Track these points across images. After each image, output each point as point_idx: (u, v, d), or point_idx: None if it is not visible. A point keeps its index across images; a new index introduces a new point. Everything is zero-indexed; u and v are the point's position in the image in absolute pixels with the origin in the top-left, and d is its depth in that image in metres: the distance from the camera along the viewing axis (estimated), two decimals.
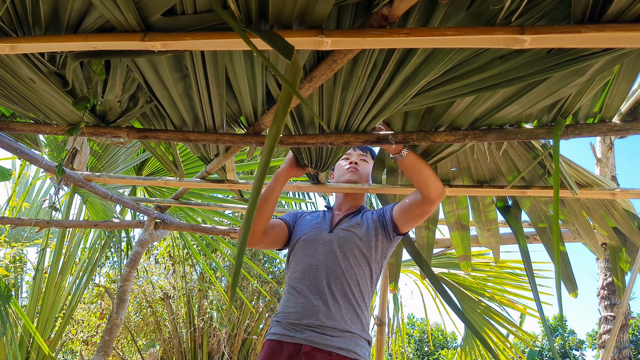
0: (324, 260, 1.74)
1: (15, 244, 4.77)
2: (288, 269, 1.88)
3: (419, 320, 23.50)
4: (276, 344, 1.64)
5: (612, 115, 1.40)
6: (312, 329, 1.61)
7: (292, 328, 1.64)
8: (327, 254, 1.76)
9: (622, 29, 0.96)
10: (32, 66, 1.33)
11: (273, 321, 1.74)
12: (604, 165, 3.10)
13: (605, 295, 2.85)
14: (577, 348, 21.09)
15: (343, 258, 1.74)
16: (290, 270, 1.84)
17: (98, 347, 2.97)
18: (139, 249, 3.24)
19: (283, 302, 1.77)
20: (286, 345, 1.61)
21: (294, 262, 1.83)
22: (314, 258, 1.77)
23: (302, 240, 1.85)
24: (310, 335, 1.59)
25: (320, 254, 1.77)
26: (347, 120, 1.48)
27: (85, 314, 6.71)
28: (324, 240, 1.81)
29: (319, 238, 1.82)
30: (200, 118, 1.54)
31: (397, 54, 1.19)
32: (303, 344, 1.58)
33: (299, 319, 1.64)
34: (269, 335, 1.70)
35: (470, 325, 1.82)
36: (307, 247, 1.81)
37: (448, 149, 1.73)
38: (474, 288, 3.40)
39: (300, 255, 1.82)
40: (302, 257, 1.80)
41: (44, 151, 2.41)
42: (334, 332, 1.60)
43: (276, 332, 1.68)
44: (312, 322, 1.62)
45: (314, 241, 1.82)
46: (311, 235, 1.84)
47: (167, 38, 1.08)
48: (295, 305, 1.69)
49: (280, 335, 1.65)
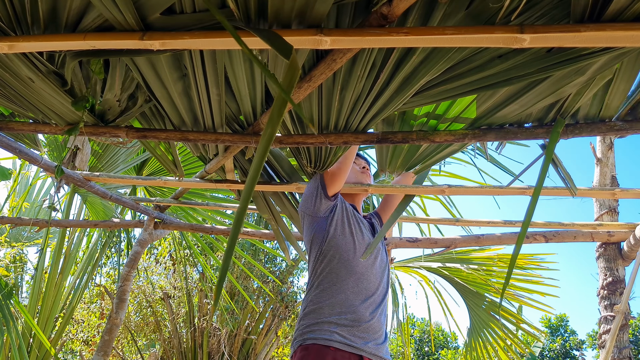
0: (379, 261, 1.82)
1: (16, 244, 4.76)
2: (332, 249, 1.76)
3: (419, 320, 23.50)
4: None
5: (612, 114, 1.39)
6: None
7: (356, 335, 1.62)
8: (377, 253, 1.83)
9: (622, 28, 0.96)
10: (31, 65, 1.33)
11: (319, 321, 1.63)
12: (604, 165, 3.10)
13: (605, 295, 2.85)
14: (577, 348, 21.07)
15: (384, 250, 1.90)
16: (338, 259, 1.74)
17: (98, 347, 2.97)
18: (139, 248, 3.23)
19: (327, 299, 1.67)
20: (348, 355, 1.56)
21: (346, 248, 1.76)
22: (373, 258, 1.80)
23: (356, 227, 1.83)
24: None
25: (375, 253, 1.82)
26: (347, 119, 1.48)
27: (85, 314, 6.71)
28: (369, 239, 1.85)
29: (367, 236, 1.85)
30: (200, 117, 1.54)
31: (396, 53, 1.19)
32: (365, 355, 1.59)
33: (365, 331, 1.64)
34: (312, 341, 1.58)
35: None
36: (363, 243, 1.81)
37: (448, 149, 1.73)
38: (478, 283, 3.40)
39: (359, 247, 1.78)
40: (359, 252, 1.78)
41: (43, 151, 2.41)
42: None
43: (333, 338, 1.58)
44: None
45: (367, 239, 1.84)
46: (363, 230, 1.85)
47: (166, 37, 1.08)
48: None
49: (339, 344, 1.56)
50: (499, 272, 3.35)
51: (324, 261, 1.74)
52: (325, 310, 1.62)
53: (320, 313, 1.62)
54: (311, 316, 1.63)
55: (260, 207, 2.44)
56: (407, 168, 1.89)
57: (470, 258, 3.43)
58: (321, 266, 1.74)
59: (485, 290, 3.39)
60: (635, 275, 2.07)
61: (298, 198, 2.42)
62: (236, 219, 0.56)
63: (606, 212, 3.01)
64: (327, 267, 1.72)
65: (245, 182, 2.21)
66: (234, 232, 0.53)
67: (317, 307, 1.64)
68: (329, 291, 1.66)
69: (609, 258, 2.89)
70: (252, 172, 0.59)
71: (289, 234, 2.56)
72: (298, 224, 2.50)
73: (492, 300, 3.40)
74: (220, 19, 0.65)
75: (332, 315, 1.60)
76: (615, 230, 2.82)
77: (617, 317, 2.27)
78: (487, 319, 3.46)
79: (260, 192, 2.30)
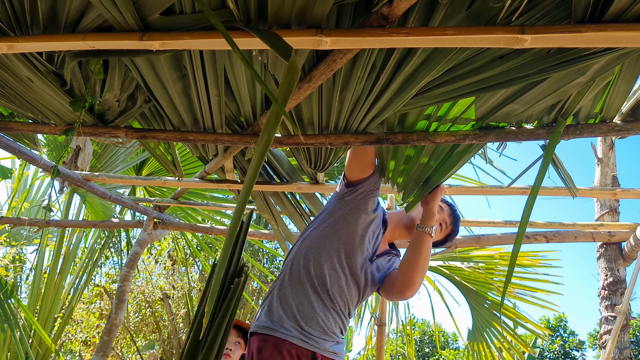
0: (356, 285, 1.67)
1: (15, 244, 4.76)
2: (332, 224, 1.66)
3: (420, 321, 23.48)
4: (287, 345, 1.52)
5: (613, 115, 1.39)
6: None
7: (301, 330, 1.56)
8: (361, 280, 1.67)
9: (623, 29, 0.96)
10: (31, 65, 1.32)
11: (280, 314, 1.58)
12: (605, 165, 3.09)
13: (606, 295, 2.84)
14: (577, 349, 21.07)
15: (370, 290, 1.71)
16: (319, 248, 1.64)
17: (97, 347, 2.97)
18: (138, 249, 3.23)
19: (291, 291, 1.61)
20: (303, 350, 1.54)
21: (330, 244, 1.64)
22: (353, 274, 1.65)
23: (357, 232, 1.65)
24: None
25: (361, 276, 1.66)
26: (347, 120, 1.48)
27: (84, 314, 6.70)
28: (364, 262, 1.67)
29: (364, 253, 1.67)
30: (199, 118, 1.54)
31: (396, 54, 1.19)
32: (316, 351, 1.56)
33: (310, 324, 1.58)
34: (269, 331, 1.55)
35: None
36: (352, 251, 1.65)
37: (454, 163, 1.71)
38: (479, 282, 3.40)
39: (343, 249, 1.64)
40: (343, 256, 1.64)
41: (42, 151, 2.41)
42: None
43: (290, 333, 1.54)
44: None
45: (360, 253, 1.66)
46: (364, 242, 1.67)
47: (165, 37, 1.08)
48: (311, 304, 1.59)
49: (295, 339, 1.54)
50: (500, 270, 3.35)
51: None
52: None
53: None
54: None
55: (260, 207, 2.44)
56: (411, 182, 1.81)
57: (472, 256, 3.43)
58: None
59: (487, 289, 3.39)
60: (636, 275, 2.07)
61: (298, 198, 2.42)
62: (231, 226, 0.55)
63: (607, 212, 3.01)
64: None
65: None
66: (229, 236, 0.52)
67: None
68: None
69: (610, 258, 2.89)
70: (248, 179, 0.58)
71: (289, 234, 2.56)
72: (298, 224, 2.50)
73: (494, 298, 3.39)
74: (214, 22, 0.64)
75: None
76: (616, 230, 2.82)
77: (618, 318, 2.27)
78: (489, 318, 3.46)
79: (260, 192, 2.30)
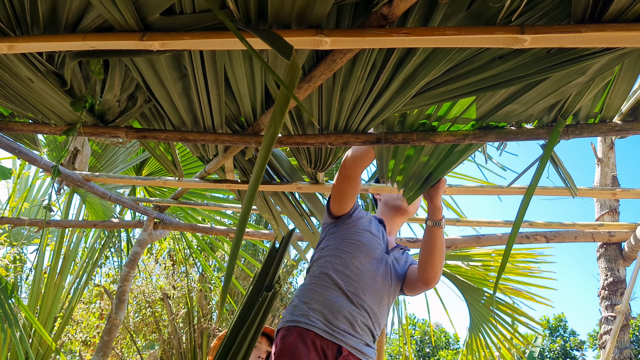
0: (382, 277, 1.72)
1: (15, 243, 4.76)
2: (330, 249, 1.74)
3: (420, 321, 23.46)
4: (313, 335, 1.54)
5: (613, 115, 1.39)
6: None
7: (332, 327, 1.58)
8: (385, 272, 1.73)
9: (623, 29, 0.96)
10: (31, 66, 1.33)
11: (305, 309, 1.61)
12: (605, 165, 3.09)
13: (606, 295, 2.84)
14: (578, 349, 21.06)
15: (395, 283, 1.77)
16: (335, 256, 1.71)
17: (97, 347, 2.97)
18: (138, 249, 3.23)
19: (315, 290, 1.65)
20: (328, 343, 1.55)
21: (345, 250, 1.71)
22: (376, 269, 1.71)
23: (364, 234, 1.74)
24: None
25: (381, 268, 1.72)
26: (347, 120, 1.48)
27: (84, 314, 6.70)
28: (382, 255, 1.75)
29: (378, 249, 1.75)
30: (199, 118, 1.54)
31: (396, 54, 1.19)
32: (343, 346, 1.57)
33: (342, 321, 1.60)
34: (294, 323, 1.58)
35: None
36: (367, 250, 1.72)
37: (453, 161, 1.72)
38: (477, 279, 3.40)
39: (358, 252, 1.70)
40: (360, 256, 1.70)
41: (42, 151, 2.41)
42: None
43: (315, 325, 1.57)
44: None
45: (374, 250, 1.73)
46: (373, 240, 1.76)
47: (165, 37, 1.08)
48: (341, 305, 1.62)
49: (321, 330, 1.56)
50: (497, 267, 3.35)
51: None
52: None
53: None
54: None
55: (260, 207, 2.44)
56: (410, 180, 1.81)
57: (470, 255, 3.44)
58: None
59: (484, 286, 3.40)
60: (636, 275, 2.07)
61: (298, 198, 2.42)
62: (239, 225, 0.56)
63: (607, 212, 3.00)
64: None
65: (245, 182, 2.21)
66: (237, 238, 0.52)
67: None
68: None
69: (610, 258, 2.89)
70: (256, 170, 0.59)
71: (286, 230, 2.55)
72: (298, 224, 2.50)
73: (491, 294, 3.41)
74: (222, 18, 0.64)
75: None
76: (616, 230, 2.81)
77: (618, 318, 2.27)
78: (486, 314, 3.46)
79: (260, 192, 2.30)
